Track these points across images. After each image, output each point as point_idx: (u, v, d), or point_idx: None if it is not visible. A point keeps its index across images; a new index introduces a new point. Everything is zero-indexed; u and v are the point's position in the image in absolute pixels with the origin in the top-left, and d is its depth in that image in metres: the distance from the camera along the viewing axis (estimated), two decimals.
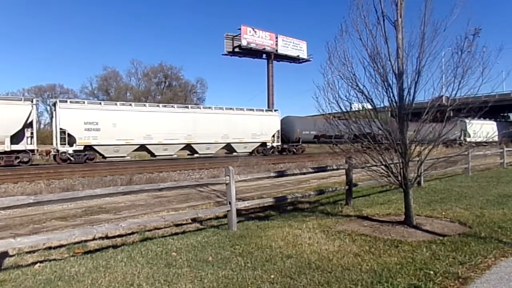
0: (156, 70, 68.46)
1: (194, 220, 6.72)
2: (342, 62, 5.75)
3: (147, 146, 24.35)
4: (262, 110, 30.94)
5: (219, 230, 5.85)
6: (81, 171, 15.56)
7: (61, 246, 5.19)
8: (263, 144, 30.18)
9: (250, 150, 29.44)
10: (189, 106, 29.18)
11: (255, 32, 52.36)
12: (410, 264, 3.99)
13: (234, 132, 27.94)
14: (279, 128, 31.43)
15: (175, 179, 14.35)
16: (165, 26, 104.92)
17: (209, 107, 29.38)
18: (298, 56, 57.00)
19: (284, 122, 32.83)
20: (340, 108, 5.97)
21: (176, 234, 5.80)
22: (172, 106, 27.73)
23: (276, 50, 54.01)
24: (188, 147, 26.28)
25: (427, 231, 5.44)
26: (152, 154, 24.90)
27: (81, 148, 22.06)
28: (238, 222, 6.00)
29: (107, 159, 22.93)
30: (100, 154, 22.94)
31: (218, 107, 29.36)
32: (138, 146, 24.00)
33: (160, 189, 6.02)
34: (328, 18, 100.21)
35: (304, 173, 9.82)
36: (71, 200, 6.47)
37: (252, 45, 51.72)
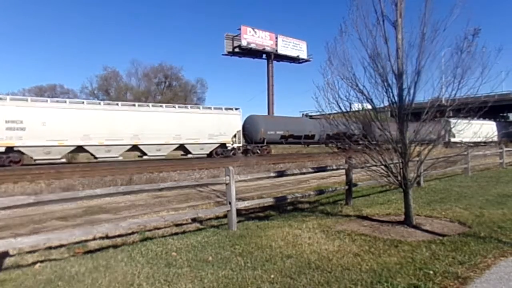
0: (156, 70, 68.34)
1: (194, 220, 6.72)
2: (342, 63, 5.77)
3: (86, 147, 22.29)
4: (221, 109, 28.26)
5: (219, 230, 5.86)
6: (81, 171, 15.59)
7: (61, 246, 5.19)
8: (223, 145, 27.69)
9: (208, 152, 27.16)
10: (136, 104, 25.95)
11: (255, 32, 52.39)
12: (410, 264, 4.00)
13: (188, 132, 25.60)
14: (240, 128, 28.87)
15: (175, 179, 14.34)
16: (165, 26, 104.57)
17: (160, 105, 27.17)
18: (298, 56, 57.03)
19: (248, 121, 31.25)
20: (340, 108, 5.98)
21: (176, 234, 5.80)
22: (116, 104, 25.10)
23: (276, 50, 54.05)
24: (136, 148, 24.20)
25: (426, 231, 5.45)
26: (94, 156, 22.87)
27: (3, 149, 19.62)
28: (238, 222, 6.01)
29: (37, 161, 20.81)
30: (29, 156, 20.66)
31: (169, 105, 27.50)
32: (74, 147, 21.90)
33: (160, 189, 6.04)
34: (328, 18, 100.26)
35: (304, 173, 9.84)
36: (71, 200, 6.49)
37: (252, 45, 51.75)
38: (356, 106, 6.29)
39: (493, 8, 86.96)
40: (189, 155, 26.25)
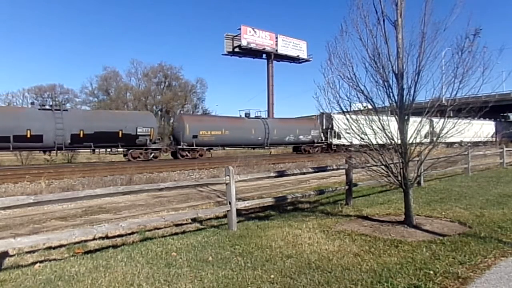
0: (156, 70, 68.23)
1: (194, 220, 6.72)
2: (342, 62, 5.76)
3: None
4: None
5: (219, 230, 5.85)
6: (81, 171, 15.56)
7: (61, 246, 5.19)
8: None
9: None
10: None
11: (255, 32, 52.42)
12: (410, 264, 3.99)
13: None
14: None
15: (175, 179, 14.35)
16: (165, 26, 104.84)
17: None
18: (298, 56, 57.06)
19: None
20: (341, 108, 5.98)
21: (176, 234, 5.80)
22: None
23: (276, 50, 54.07)
24: None
25: (427, 231, 5.44)
26: None
27: None
28: (238, 222, 6.00)
29: None
30: None
31: None
32: None
33: (160, 189, 6.02)
34: (328, 18, 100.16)
35: (304, 173, 9.80)
36: (71, 200, 6.46)
37: (252, 45, 51.77)
38: (356, 106, 6.29)
39: (494, 8, 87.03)
40: None
